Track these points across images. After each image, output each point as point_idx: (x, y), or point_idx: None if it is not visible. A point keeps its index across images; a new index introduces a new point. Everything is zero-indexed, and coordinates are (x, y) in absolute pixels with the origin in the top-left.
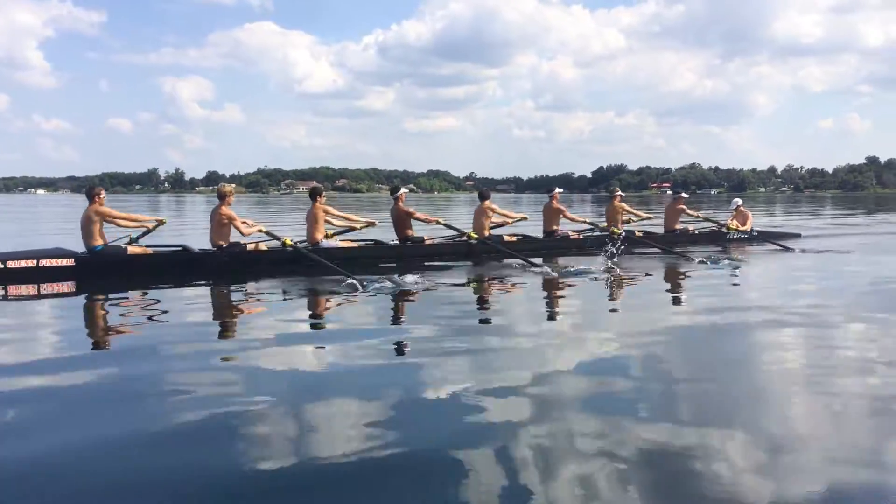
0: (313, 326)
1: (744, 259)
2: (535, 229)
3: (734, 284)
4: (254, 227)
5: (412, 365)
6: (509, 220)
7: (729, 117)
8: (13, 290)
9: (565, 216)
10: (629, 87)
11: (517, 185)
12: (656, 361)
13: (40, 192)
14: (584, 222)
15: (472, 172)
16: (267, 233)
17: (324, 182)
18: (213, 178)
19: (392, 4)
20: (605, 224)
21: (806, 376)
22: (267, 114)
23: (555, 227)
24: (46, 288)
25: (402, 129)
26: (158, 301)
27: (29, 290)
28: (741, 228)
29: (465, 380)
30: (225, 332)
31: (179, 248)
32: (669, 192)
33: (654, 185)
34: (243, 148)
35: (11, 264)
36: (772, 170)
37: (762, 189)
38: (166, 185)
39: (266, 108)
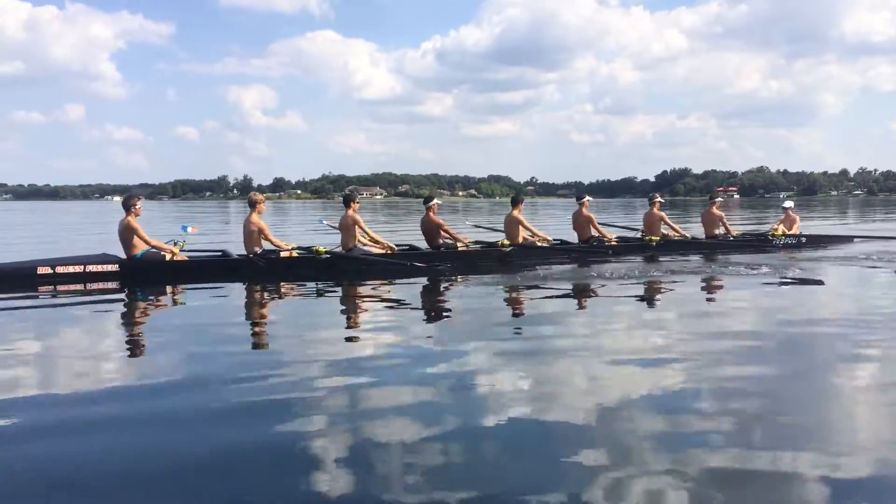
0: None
1: (793, 265)
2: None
3: (786, 293)
4: (287, 246)
5: (459, 362)
6: (537, 236)
7: (795, 119)
8: (62, 289)
9: (594, 226)
10: (691, 89)
11: (578, 190)
12: (706, 369)
13: (116, 198)
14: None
15: (533, 177)
16: (298, 247)
17: (387, 188)
18: (279, 185)
19: (450, 10)
20: (642, 231)
21: (872, 391)
22: (327, 121)
23: (590, 235)
24: (93, 289)
25: (459, 135)
26: (197, 302)
27: (76, 291)
28: (789, 233)
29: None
30: (262, 331)
31: (219, 254)
32: (736, 195)
33: (720, 189)
34: (305, 155)
35: (60, 269)
36: (844, 173)
37: (834, 193)
38: (235, 191)
39: (326, 115)
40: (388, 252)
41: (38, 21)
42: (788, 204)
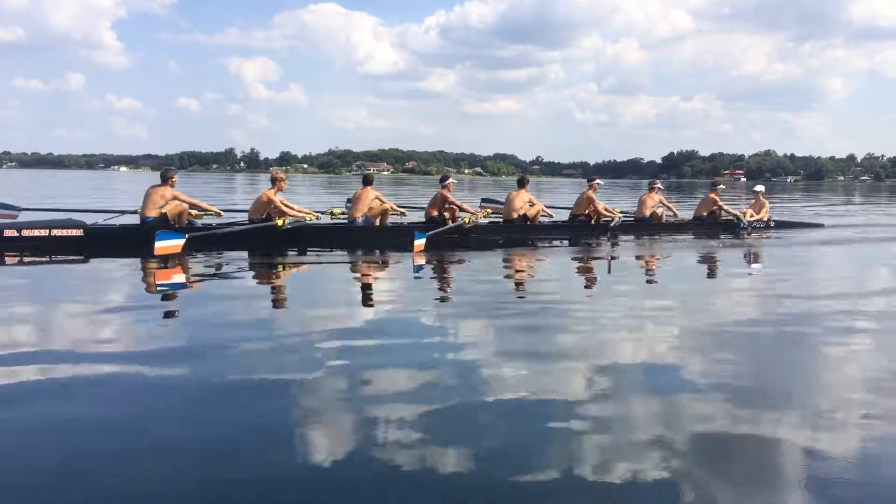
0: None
1: (757, 246)
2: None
3: (753, 271)
4: (295, 209)
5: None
6: (544, 210)
7: (801, 103)
8: (27, 258)
9: (594, 206)
10: (696, 70)
11: (584, 170)
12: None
13: (123, 169)
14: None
15: (539, 156)
16: (307, 212)
17: (394, 164)
18: (286, 159)
19: None
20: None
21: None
22: (329, 95)
23: (586, 212)
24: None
25: (462, 112)
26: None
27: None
28: (755, 217)
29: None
30: (275, 297)
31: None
32: (742, 179)
33: (727, 172)
34: (307, 128)
35: (26, 233)
36: (851, 158)
37: (841, 178)
38: (242, 164)
39: (329, 89)
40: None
41: None
42: (759, 188)
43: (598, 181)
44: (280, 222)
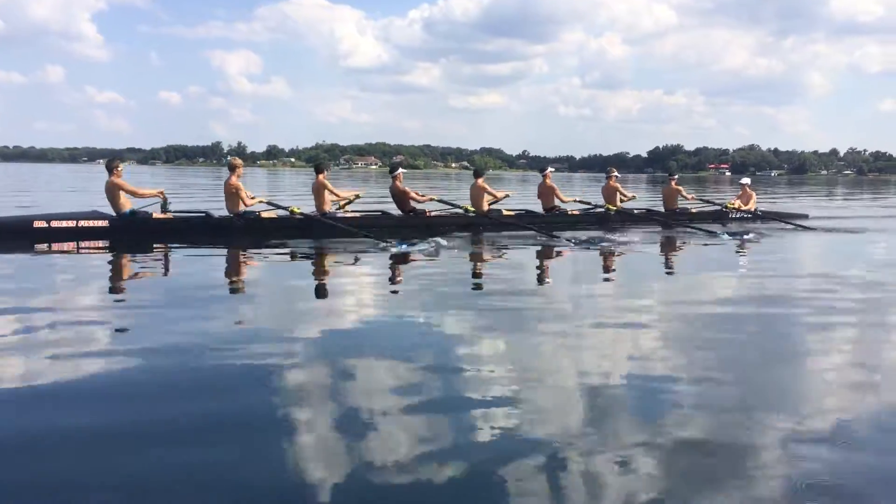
0: (328, 285)
1: (750, 237)
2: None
3: (745, 260)
4: (254, 199)
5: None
6: (498, 196)
7: (782, 97)
8: (56, 246)
9: (556, 194)
10: (679, 65)
11: (570, 165)
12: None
13: None
14: (576, 201)
15: (525, 150)
16: (269, 203)
17: (382, 158)
18: (273, 153)
19: None
20: (603, 202)
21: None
22: (313, 88)
23: (553, 204)
24: (85, 245)
25: (446, 106)
26: (181, 259)
27: (69, 246)
28: (744, 208)
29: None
30: (239, 288)
31: (202, 214)
32: (728, 173)
33: (712, 165)
34: (290, 122)
35: (55, 224)
36: (834, 152)
37: (824, 172)
38: (228, 158)
39: (312, 82)
40: (353, 198)
41: None
42: (746, 180)
43: (549, 169)
44: (295, 210)
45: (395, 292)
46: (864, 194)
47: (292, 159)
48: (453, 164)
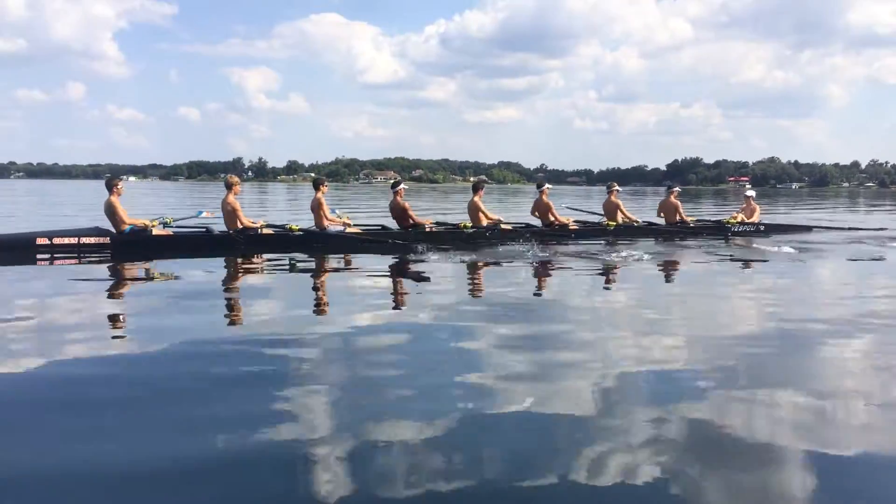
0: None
1: (745, 250)
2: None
3: (747, 275)
4: (255, 223)
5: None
6: (491, 219)
7: (800, 110)
8: (57, 262)
9: (552, 212)
10: (695, 78)
11: (588, 178)
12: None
13: (132, 178)
14: (573, 219)
15: (543, 164)
16: (269, 225)
17: (401, 172)
18: (293, 168)
19: None
20: (603, 217)
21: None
22: (330, 104)
23: (552, 218)
24: (86, 261)
25: (461, 120)
26: (178, 276)
27: (71, 262)
28: (747, 221)
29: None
30: (240, 299)
31: (202, 230)
32: (748, 186)
33: (732, 178)
34: (308, 137)
35: (57, 240)
36: (855, 164)
37: (846, 184)
38: (250, 173)
39: (329, 98)
40: (347, 228)
41: None
42: (750, 193)
43: (546, 186)
44: (294, 227)
45: (397, 304)
46: (886, 205)
47: (312, 174)
48: (472, 178)
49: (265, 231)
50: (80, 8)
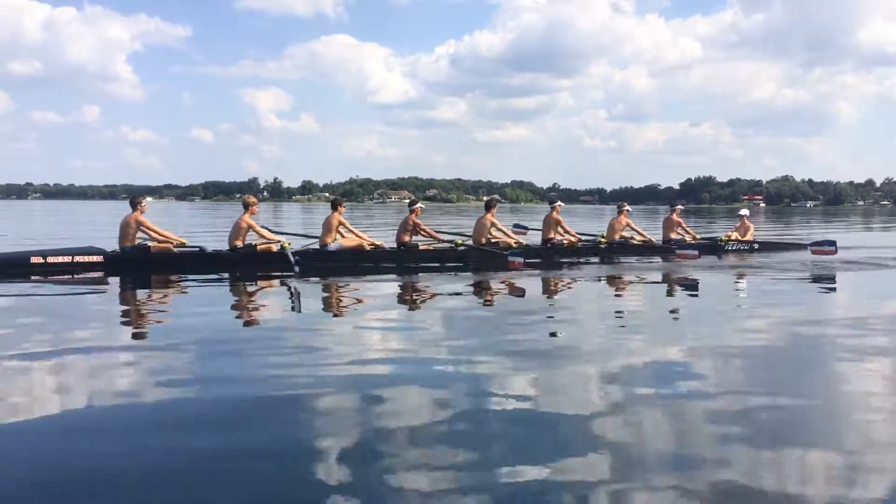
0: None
1: (739, 268)
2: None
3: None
4: (273, 237)
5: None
6: (510, 239)
7: (811, 128)
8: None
9: (562, 225)
10: (705, 97)
11: (601, 197)
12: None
13: (149, 198)
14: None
15: (556, 183)
16: (278, 241)
17: (415, 192)
18: (308, 188)
19: (465, 15)
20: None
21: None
22: (341, 124)
23: (552, 236)
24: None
25: (471, 140)
26: (177, 290)
27: (65, 279)
28: (742, 239)
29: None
30: (242, 322)
31: (196, 249)
32: (762, 204)
33: (746, 197)
34: (320, 157)
35: (51, 259)
36: (870, 182)
37: (860, 202)
38: (265, 193)
39: (340, 118)
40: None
41: (56, 22)
42: (744, 212)
43: (559, 203)
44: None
45: (401, 324)
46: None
47: (326, 194)
48: (485, 197)
49: (261, 247)
50: (95, 31)
